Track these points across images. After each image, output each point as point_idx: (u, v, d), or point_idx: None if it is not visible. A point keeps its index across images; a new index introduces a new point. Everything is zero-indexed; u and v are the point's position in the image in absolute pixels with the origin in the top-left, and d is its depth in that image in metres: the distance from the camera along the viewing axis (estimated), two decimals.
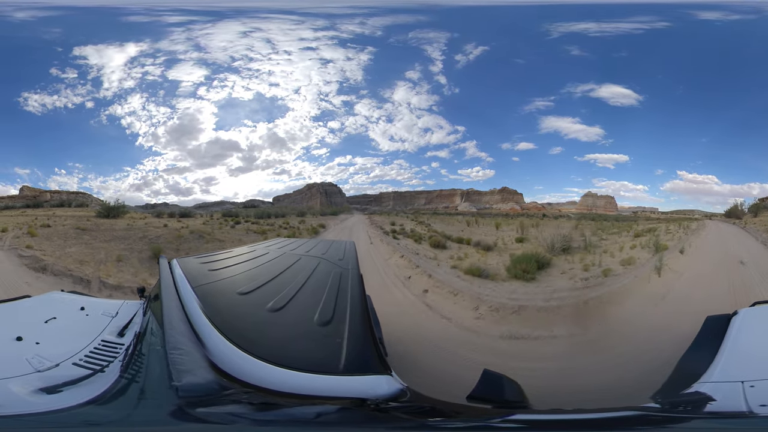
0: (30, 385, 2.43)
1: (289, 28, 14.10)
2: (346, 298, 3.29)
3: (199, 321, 2.67)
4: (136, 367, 2.56)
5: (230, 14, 13.74)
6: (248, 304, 3.21)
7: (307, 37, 14.25)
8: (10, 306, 3.91)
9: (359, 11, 13.45)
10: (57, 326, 3.46)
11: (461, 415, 2.37)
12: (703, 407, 2.40)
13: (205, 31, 14.00)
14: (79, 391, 2.41)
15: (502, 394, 2.45)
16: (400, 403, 2.26)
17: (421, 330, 6.56)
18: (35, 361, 2.70)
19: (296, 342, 2.71)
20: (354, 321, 2.86)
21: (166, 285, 3.29)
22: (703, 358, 2.95)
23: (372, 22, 13.64)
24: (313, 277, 3.93)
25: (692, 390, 2.62)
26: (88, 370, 2.66)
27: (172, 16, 13.69)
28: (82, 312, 3.82)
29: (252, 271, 4.18)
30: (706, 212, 16.58)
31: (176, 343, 2.40)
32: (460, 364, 5.46)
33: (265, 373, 2.28)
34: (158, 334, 2.67)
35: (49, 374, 2.60)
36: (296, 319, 2.98)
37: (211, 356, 2.38)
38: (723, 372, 2.76)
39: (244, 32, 14.10)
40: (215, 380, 2.21)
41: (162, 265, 3.85)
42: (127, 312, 3.83)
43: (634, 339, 6.18)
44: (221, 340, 2.47)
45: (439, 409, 2.33)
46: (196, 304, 2.86)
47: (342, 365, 2.38)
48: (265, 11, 13.77)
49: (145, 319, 3.29)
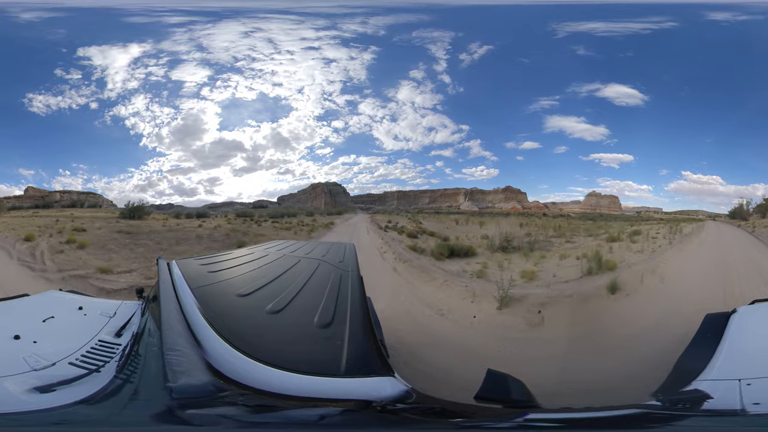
0: (25, 384, 2.42)
1: (290, 27, 14.21)
2: (346, 300, 3.27)
3: (197, 322, 2.66)
4: (132, 368, 2.55)
5: (229, 14, 13.83)
6: (247, 306, 3.19)
7: (308, 37, 14.35)
8: (8, 304, 3.90)
9: (358, 11, 13.49)
10: (55, 325, 3.45)
11: (474, 416, 2.34)
12: (701, 405, 2.41)
13: (206, 31, 14.13)
14: (72, 390, 2.40)
15: (509, 393, 2.43)
16: (408, 405, 2.24)
17: (382, 273, 11.71)
18: (32, 359, 2.69)
19: (296, 344, 2.68)
20: (354, 323, 2.84)
21: (164, 286, 3.29)
22: (702, 356, 2.95)
23: (374, 22, 13.72)
24: (313, 279, 3.91)
25: (691, 388, 2.63)
26: (83, 369, 2.66)
27: (173, 17, 13.75)
28: (80, 312, 3.81)
29: (251, 273, 4.17)
30: (711, 213, 16.50)
31: (173, 344, 2.39)
32: (390, 281, 10.79)
33: (264, 375, 2.26)
34: (155, 334, 2.66)
35: (44, 373, 2.60)
36: (296, 321, 2.96)
37: (208, 358, 2.36)
38: (721, 370, 2.77)
39: (245, 32, 14.21)
40: (211, 382, 2.20)
41: (161, 267, 3.84)
42: (125, 312, 3.82)
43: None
44: (219, 341, 2.46)
45: (449, 410, 2.31)
46: (194, 306, 2.85)
47: (343, 367, 2.36)
48: (263, 11, 13.83)
49: (143, 320, 3.27)
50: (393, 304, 9.03)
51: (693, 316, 3.77)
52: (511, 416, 2.24)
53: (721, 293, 8.32)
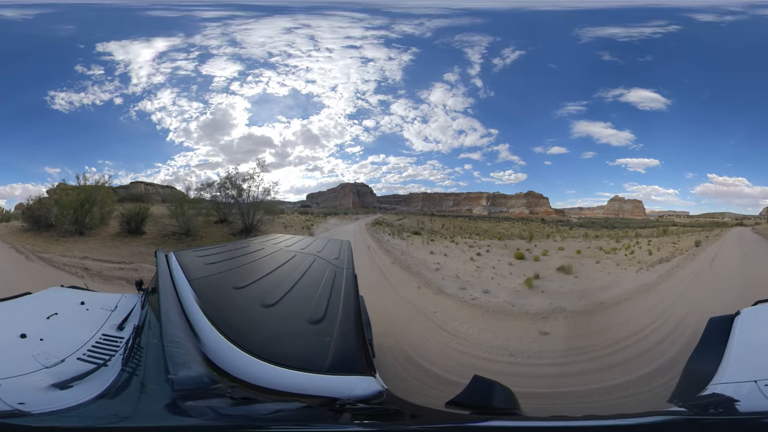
0: (42, 382, 2.46)
1: (340, 25, 14.03)
2: (339, 297, 3.28)
3: (194, 314, 2.71)
4: (136, 361, 2.60)
5: (278, 10, 13.67)
6: (242, 298, 3.23)
7: (354, 36, 14.24)
8: (12, 303, 3.90)
9: (427, 11, 13.38)
10: (59, 322, 3.46)
11: (441, 421, 2.30)
12: (732, 408, 2.33)
13: (243, 26, 13.94)
14: (87, 385, 2.44)
15: (487, 400, 2.36)
16: (372, 405, 2.23)
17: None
18: (41, 357, 2.72)
19: (286, 338, 2.72)
20: (345, 321, 2.86)
21: (163, 278, 3.32)
22: (711, 360, 2.88)
23: (429, 24, 13.63)
24: (308, 274, 3.93)
25: (709, 392, 2.56)
26: (92, 364, 2.69)
27: (207, 11, 13.68)
28: (82, 306, 3.83)
29: (247, 266, 4.21)
30: (738, 215, 15.89)
31: (172, 336, 2.43)
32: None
33: (253, 368, 2.31)
34: (155, 326, 2.69)
35: (56, 370, 2.62)
36: (288, 315, 3.00)
37: (204, 349, 2.42)
38: (735, 372, 2.70)
39: (288, 28, 14.12)
40: (206, 373, 2.24)
41: (159, 259, 3.86)
42: (125, 305, 3.85)
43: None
44: (215, 333, 2.51)
45: (409, 413, 2.29)
46: (192, 298, 2.90)
47: (328, 364, 2.38)
48: (330, 7, 13.68)
49: (143, 312, 3.32)
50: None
51: None
52: (476, 421, 2.18)
53: None
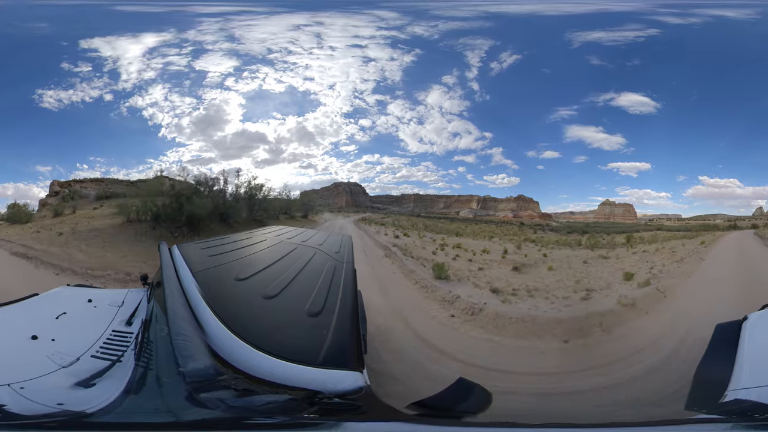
0: (65, 381, 2.49)
1: (354, 24, 14.04)
2: (337, 291, 3.34)
3: (199, 306, 2.75)
4: (148, 355, 2.67)
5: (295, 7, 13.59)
6: (244, 289, 3.29)
7: (362, 35, 14.29)
8: (20, 306, 3.89)
9: (444, 14, 13.52)
10: (68, 321, 3.48)
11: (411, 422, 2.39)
12: (764, 413, 2.32)
13: (246, 22, 13.91)
14: (109, 382, 2.49)
15: (459, 402, 2.44)
16: (343, 400, 2.30)
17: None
18: (56, 357, 2.72)
19: (285, 330, 2.78)
20: (342, 315, 2.92)
21: (167, 271, 3.36)
22: (722, 366, 2.85)
23: (443, 26, 13.72)
24: (309, 267, 3.98)
25: (731, 398, 2.52)
26: (107, 361, 2.73)
27: (202, 6, 13.51)
28: (90, 304, 3.85)
29: (249, 258, 4.24)
30: (730, 216, 15.95)
31: (179, 328, 2.48)
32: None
33: (253, 359, 2.37)
34: (162, 320, 2.74)
35: (74, 369, 2.64)
36: (288, 307, 3.06)
37: (209, 341, 2.48)
38: (751, 377, 2.65)
39: (297, 25, 14.05)
40: (212, 365, 2.30)
41: (162, 252, 3.89)
42: (132, 300, 3.88)
43: None
44: (218, 325, 2.56)
45: (376, 413, 2.37)
46: (196, 290, 2.95)
47: (321, 358, 2.44)
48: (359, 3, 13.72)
49: (150, 306, 3.37)
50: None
51: None
52: (429, 424, 2.26)
53: None
